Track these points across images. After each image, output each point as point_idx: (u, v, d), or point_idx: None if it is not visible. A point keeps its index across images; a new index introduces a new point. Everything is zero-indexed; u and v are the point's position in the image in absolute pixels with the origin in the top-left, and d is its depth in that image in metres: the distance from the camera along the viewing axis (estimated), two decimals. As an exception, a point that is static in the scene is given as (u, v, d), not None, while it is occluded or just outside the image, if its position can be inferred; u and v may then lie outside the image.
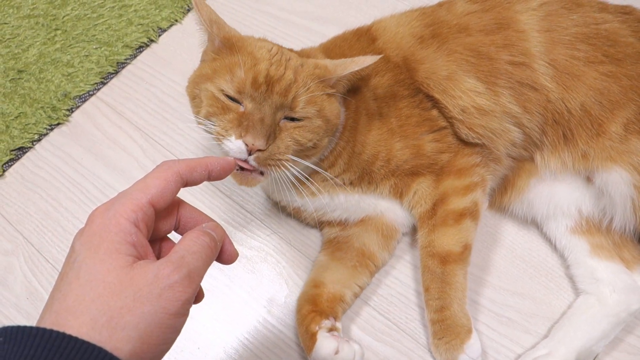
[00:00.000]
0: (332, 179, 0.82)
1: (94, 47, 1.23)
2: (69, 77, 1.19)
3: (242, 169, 0.71)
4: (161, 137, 1.10)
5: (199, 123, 0.74)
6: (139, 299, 0.42)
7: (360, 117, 0.82)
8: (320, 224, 0.94)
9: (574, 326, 0.82)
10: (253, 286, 0.92)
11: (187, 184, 0.51)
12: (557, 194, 0.88)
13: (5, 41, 1.25)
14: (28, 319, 0.91)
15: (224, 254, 0.53)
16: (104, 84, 1.19)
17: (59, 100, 1.16)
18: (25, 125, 1.13)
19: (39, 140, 1.12)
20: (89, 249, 0.44)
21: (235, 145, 0.69)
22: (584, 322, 0.81)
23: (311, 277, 0.88)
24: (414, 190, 0.85)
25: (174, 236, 0.54)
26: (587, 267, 0.86)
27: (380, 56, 0.75)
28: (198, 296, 0.52)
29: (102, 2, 1.30)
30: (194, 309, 0.49)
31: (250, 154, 0.69)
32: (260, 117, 0.69)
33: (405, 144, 0.82)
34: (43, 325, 0.41)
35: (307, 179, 0.76)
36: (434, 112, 0.84)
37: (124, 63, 1.22)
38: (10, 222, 1.02)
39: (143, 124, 1.13)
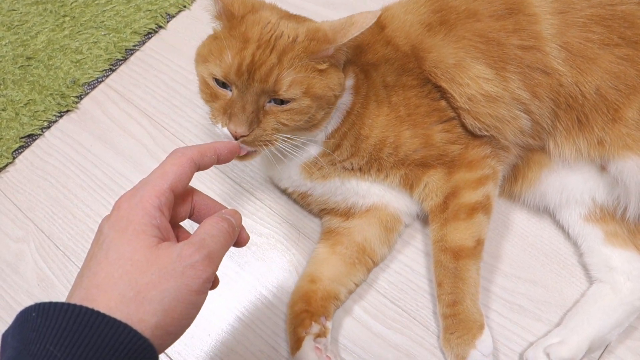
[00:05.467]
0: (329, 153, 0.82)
1: (102, 33, 1.23)
2: (77, 64, 1.19)
3: None
4: (170, 124, 1.10)
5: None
6: (164, 275, 0.45)
7: (369, 102, 0.82)
8: (321, 212, 0.93)
9: (587, 314, 0.81)
10: (263, 273, 0.92)
11: (199, 168, 0.54)
12: (570, 183, 0.86)
13: (14, 28, 1.25)
14: (39, 305, 0.92)
15: (239, 238, 0.57)
16: (112, 70, 1.19)
17: (67, 87, 1.15)
18: (35, 112, 1.13)
19: (48, 127, 1.12)
20: (116, 231, 0.47)
21: (222, 132, 0.73)
22: (597, 311, 0.81)
23: (308, 271, 0.88)
24: (425, 182, 0.84)
25: (189, 227, 0.56)
26: (601, 255, 0.85)
27: (379, 12, 0.71)
28: (214, 282, 0.55)
29: (110, -12, 1.29)
30: (203, 296, 0.51)
31: (236, 139, 0.72)
32: (242, 105, 0.70)
33: (415, 132, 0.81)
34: (73, 301, 0.44)
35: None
36: (443, 103, 0.82)
37: (133, 50, 1.21)
38: (20, 209, 1.02)
39: (152, 110, 1.12)
